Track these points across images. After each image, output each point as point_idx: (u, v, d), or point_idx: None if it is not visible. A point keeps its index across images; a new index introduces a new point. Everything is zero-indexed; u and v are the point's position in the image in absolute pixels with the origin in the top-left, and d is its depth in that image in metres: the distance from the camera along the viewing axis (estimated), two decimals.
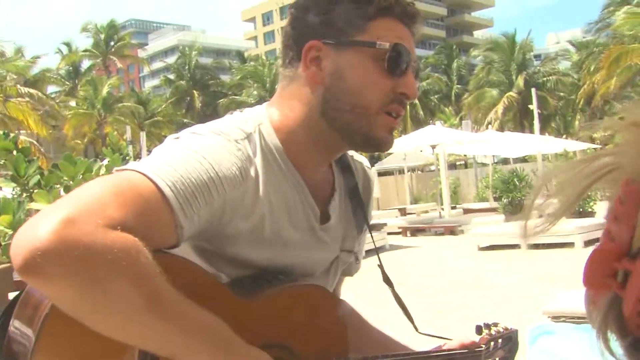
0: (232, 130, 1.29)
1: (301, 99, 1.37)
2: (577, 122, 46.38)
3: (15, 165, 5.85)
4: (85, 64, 58.71)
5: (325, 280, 1.51)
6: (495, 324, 1.73)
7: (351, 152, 1.62)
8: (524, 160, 33.73)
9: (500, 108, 45.71)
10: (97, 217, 0.96)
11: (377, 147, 1.37)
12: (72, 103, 48.93)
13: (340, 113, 1.33)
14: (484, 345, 1.64)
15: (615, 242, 0.61)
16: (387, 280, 1.65)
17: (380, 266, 1.64)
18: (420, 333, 1.67)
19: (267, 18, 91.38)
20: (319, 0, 1.36)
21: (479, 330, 1.68)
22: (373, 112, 1.32)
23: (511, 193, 17.82)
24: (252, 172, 1.27)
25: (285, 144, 1.35)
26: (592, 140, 38.83)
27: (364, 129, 1.33)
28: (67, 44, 57.03)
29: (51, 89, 52.48)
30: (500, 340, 1.71)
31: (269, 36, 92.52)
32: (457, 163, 42.73)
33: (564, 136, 41.83)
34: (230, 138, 1.27)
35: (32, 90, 22.89)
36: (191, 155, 1.17)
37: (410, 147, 21.82)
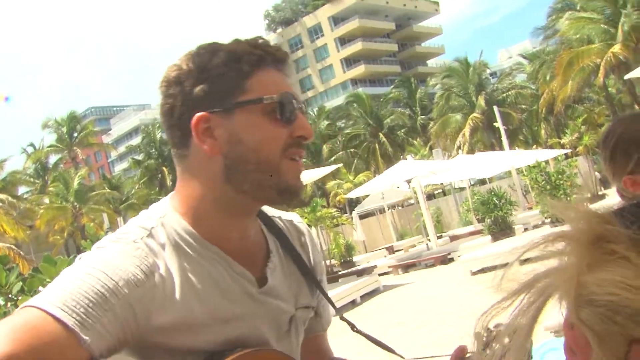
0: (131, 232, 1.30)
1: (202, 174, 1.35)
2: (542, 131, 46.98)
3: None
4: (52, 159, 58.76)
5: (287, 342, 1.48)
6: (498, 325, 1.69)
7: (278, 213, 1.62)
8: (500, 178, 33.98)
9: (466, 131, 46.15)
10: None
11: (291, 195, 1.36)
12: (45, 200, 48.77)
13: (246, 175, 1.31)
14: (484, 349, 1.59)
15: None
16: (353, 327, 1.66)
17: (343, 319, 1.66)
18: (406, 359, 1.65)
19: None
20: (190, 71, 1.32)
21: (478, 336, 1.63)
22: (276, 163, 1.32)
23: (492, 213, 17.87)
24: (161, 265, 1.26)
25: (195, 225, 1.34)
26: (561, 146, 39.43)
27: (274, 182, 1.32)
28: (32, 144, 57.10)
29: (22, 189, 52.39)
30: (505, 339, 1.65)
31: None
32: (435, 192, 42.94)
33: (534, 146, 42.35)
34: (129, 240, 1.27)
35: (2, 196, 22.81)
36: (83, 271, 1.18)
37: (385, 185, 21.88)
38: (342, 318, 1.65)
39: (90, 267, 1.19)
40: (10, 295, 5.59)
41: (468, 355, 1.53)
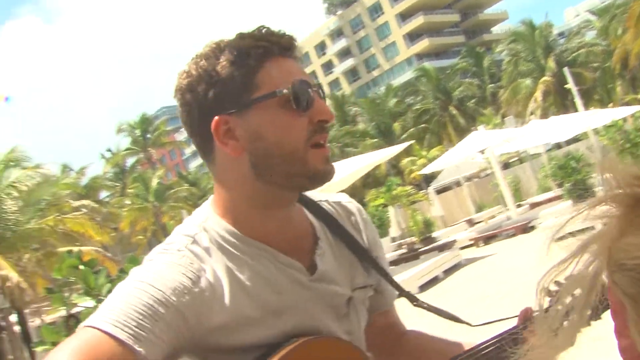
0: (175, 241, 1.36)
1: (231, 175, 1.38)
2: (618, 88, 45.42)
3: (84, 279, 6.06)
4: (129, 161, 60.27)
5: (348, 324, 1.51)
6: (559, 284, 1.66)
7: (325, 196, 1.64)
8: (576, 140, 33.12)
9: (538, 96, 45.12)
10: None
11: (321, 180, 1.37)
12: (127, 202, 50.18)
13: (273, 168, 1.33)
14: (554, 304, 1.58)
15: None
16: (414, 301, 1.67)
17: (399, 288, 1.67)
18: (476, 325, 1.66)
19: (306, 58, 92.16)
20: (200, 76, 1.34)
21: (547, 292, 1.61)
22: (302, 153, 1.33)
23: (571, 177, 17.46)
24: (207, 269, 1.31)
25: (236, 225, 1.38)
26: (638, 102, 38.06)
27: (302, 171, 1.34)
28: (109, 150, 58.74)
29: (103, 194, 53.98)
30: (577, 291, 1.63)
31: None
32: (511, 161, 42.18)
33: (610, 105, 41.01)
34: (173, 250, 1.33)
35: (84, 202, 23.67)
36: (132, 286, 1.25)
37: (459, 158, 21.62)
38: (401, 294, 1.66)
39: (138, 281, 1.26)
40: (100, 297, 5.82)
41: (534, 315, 1.57)
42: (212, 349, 1.31)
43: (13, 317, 20.72)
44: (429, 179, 38.28)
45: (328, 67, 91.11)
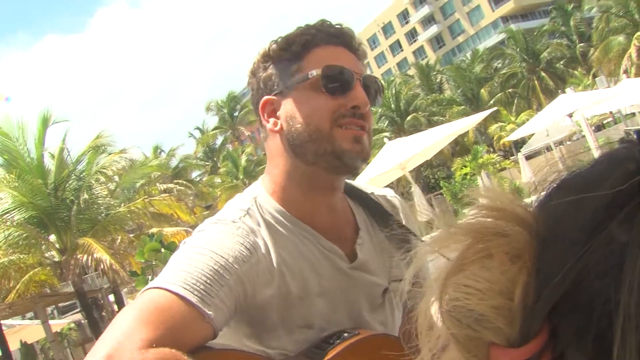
0: (229, 214, 1.43)
1: (277, 152, 1.48)
2: None
3: (164, 261, 6.25)
4: (219, 140, 61.41)
5: (382, 315, 1.55)
6: None
7: (371, 189, 1.69)
8: None
9: (632, 52, 43.22)
10: (131, 346, 1.07)
11: (350, 159, 1.42)
12: (217, 180, 51.25)
13: (305, 147, 1.42)
14: None
15: None
16: None
17: None
18: None
19: (372, 42, 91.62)
20: (260, 60, 1.49)
21: None
22: (327, 132, 1.40)
23: None
24: (260, 242, 1.38)
25: (284, 204, 1.46)
26: None
27: (328, 149, 1.40)
28: (198, 128, 59.96)
29: (195, 173, 55.27)
30: None
31: (380, 58, 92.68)
32: (604, 122, 40.74)
33: None
34: (228, 221, 1.39)
35: (170, 185, 24.30)
36: (194, 252, 1.30)
37: (547, 122, 21.06)
38: None
39: (200, 247, 1.30)
40: None
41: None
42: (257, 323, 1.38)
43: (111, 297, 21.57)
44: (519, 144, 37.45)
45: (412, 35, 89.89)
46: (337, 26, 1.49)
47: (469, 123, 18.08)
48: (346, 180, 1.58)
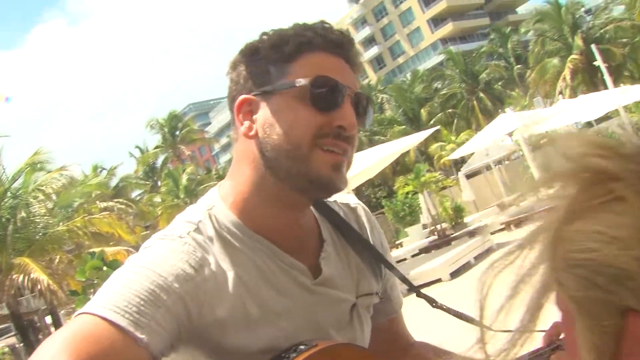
0: (177, 228, 1.30)
1: (246, 158, 1.33)
2: None
3: (106, 279, 6.10)
4: (159, 159, 60.87)
5: (350, 332, 1.43)
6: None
7: (333, 197, 1.53)
8: (607, 118, 32.66)
9: (567, 74, 44.53)
10: None
11: (325, 188, 1.29)
12: (157, 199, 50.64)
13: (279, 161, 1.27)
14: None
15: None
16: (433, 303, 1.55)
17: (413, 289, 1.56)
18: (495, 330, 1.49)
19: None
20: (245, 54, 1.34)
21: None
22: (305, 151, 1.25)
23: None
24: (210, 259, 1.25)
25: (243, 216, 1.32)
26: None
27: (302, 171, 1.26)
28: (138, 147, 59.32)
29: (135, 192, 54.60)
30: None
31: None
32: (542, 142, 41.68)
33: None
34: (174, 236, 1.26)
35: (110, 203, 23.90)
36: (131, 271, 1.18)
37: (487, 141, 21.45)
38: (419, 295, 1.57)
39: (138, 266, 1.19)
40: None
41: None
42: (212, 347, 1.24)
43: (48, 319, 21.03)
44: (459, 163, 38.03)
45: None
46: (337, 32, 1.34)
47: (411, 142, 18.26)
48: None
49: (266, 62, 1.30)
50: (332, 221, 1.49)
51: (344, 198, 1.59)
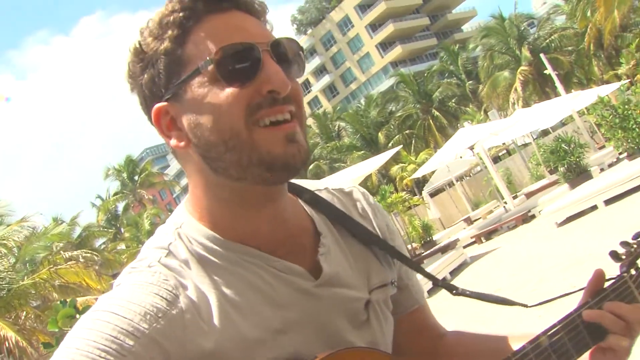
0: (146, 257, 1.10)
1: (192, 169, 1.13)
2: (595, 68, 45.49)
3: None
4: (121, 205, 60.31)
5: (369, 333, 1.22)
6: (637, 235, 1.29)
7: (324, 184, 1.36)
8: (562, 124, 33.17)
9: (518, 86, 45.26)
10: None
11: (285, 166, 1.06)
12: (122, 246, 50.04)
13: (223, 160, 1.06)
14: (626, 270, 1.25)
15: None
16: (454, 290, 1.37)
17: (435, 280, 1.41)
18: (531, 306, 1.33)
19: None
20: (134, 60, 1.10)
21: (615, 256, 1.28)
22: (245, 135, 1.04)
23: (564, 160, 17.32)
24: (188, 283, 1.05)
25: (215, 228, 1.11)
26: (618, 78, 38.22)
27: (254, 158, 1.04)
28: (99, 197, 58.77)
29: (99, 241, 53.94)
30: None
31: None
32: (500, 154, 42.17)
33: (591, 85, 41.12)
34: (143, 267, 1.07)
35: (75, 253, 23.40)
36: (91, 318, 0.99)
37: (449, 157, 21.56)
38: (436, 284, 1.40)
39: (100, 311, 1.00)
40: None
41: (609, 280, 1.25)
42: None
43: None
44: (421, 183, 38.22)
45: (305, 86, 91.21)
46: None
47: (373, 165, 18.27)
48: (290, 181, 1.24)
49: (157, 58, 1.07)
50: (326, 211, 1.28)
51: (336, 183, 1.39)
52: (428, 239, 21.13)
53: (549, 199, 16.74)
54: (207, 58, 1.03)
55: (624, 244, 1.29)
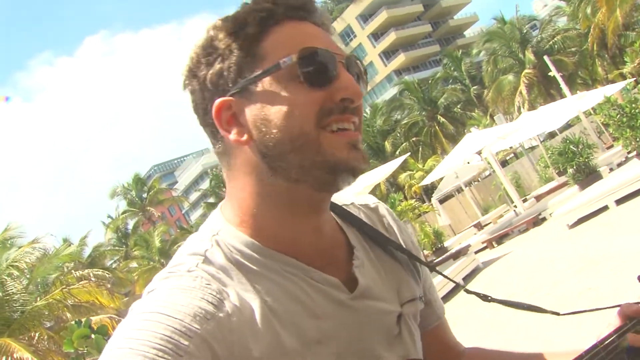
0: (182, 262, 1.08)
1: (244, 170, 1.12)
2: (599, 68, 45.42)
3: (97, 347, 5.91)
4: (130, 223, 60.44)
5: (401, 347, 1.22)
6: None
7: (350, 199, 1.37)
8: (569, 126, 33.09)
9: (522, 89, 45.22)
10: None
11: (347, 171, 1.08)
12: (133, 264, 50.11)
13: (286, 159, 1.07)
14: None
15: None
16: (485, 298, 1.42)
17: (467, 291, 1.44)
18: (563, 314, 1.37)
19: None
20: (201, 54, 1.12)
21: None
22: (314, 137, 1.06)
23: (573, 161, 17.28)
24: (230, 290, 1.04)
25: (256, 235, 1.11)
26: (623, 77, 38.13)
27: (318, 161, 1.06)
28: (109, 216, 58.96)
29: (109, 260, 54.02)
30: None
31: None
32: (508, 158, 42.09)
33: (596, 86, 41.03)
34: (182, 271, 1.06)
35: (86, 271, 23.42)
36: (139, 319, 0.97)
37: (457, 163, 21.53)
38: (467, 291, 1.42)
39: (147, 312, 0.98)
40: None
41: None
42: None
43: None
44: (430, 190, 38.14)
45: None
46: None
47: (382, 174, 18.25)
48: None
49: (230, 53, 1.09)
50: (357, 226, 1.29)
51: (361, 199, 1.40)
52: (439, 245, 21.09)
53: (559, 201, 16.70)
54: (289, 56, 1.06)
55: None
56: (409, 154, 38.76)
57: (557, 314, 1.35)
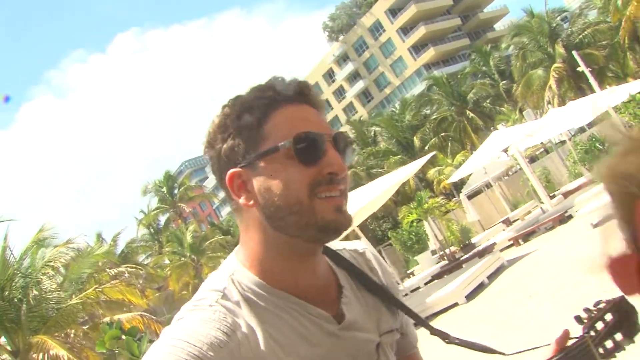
0: (205, 297, 1.35)
1: (253, 225, 1.38)
2: (631, 62, 44.83)
3: (128, 348, 6.16)
4: (162, 219, 60.94)
5: None
6: (598, 303, 1.56)
7: (341, 244, 1.64)
8: (600, 120, 32.74)
9: (552, 84, 44.70)
10: None
11: (333, 230, 1.35)
12: (166, 260, 50.61)
13: (285, 220, 1.32)
14: (587, 332, 1.50)
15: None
16: (438, 334, 1.65)
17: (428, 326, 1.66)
18: (509, 354, 1.64)
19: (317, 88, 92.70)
20: (215, 132, 1.39)
21: (578, 320, 1.54)
22: (307, 204, 1.31)
23: (599, 158, 17.23)
24: (241, 322, 1.30)
25: (264, 276, 1.37)
26: None
27: (311, 222, 1.32)
28: (142, 211, 59.48)
29: (142, 256, 54.58)
30: (608, 316, 1.52)
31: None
32: (538, 153, 41.81)
33: (628, 80, 40.53)
34: (204, 305, 1.32)
35: (120, 269, 23.79)
36: (167, 344, 1.24)
37: (484, 160, 21.51)
38: (432, 332, 1.65)
39: (173, 339, 1.24)
40: None
41: (571, 339, 1.51)
42: None
43: None
44: (459, 186, 38.01)
45: (340, 93, 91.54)
46: (293, 81, 1.40)
47: (409, 171, 18.31)
48: None
49: (238, 133, 1.35)
50: (345, 268, 1.56)
51: (351, 245, 1.68)
52: (467, 242, 21.14)
53: (585, 198, 16.69)
54: (285, 140, 1.31)
55: (586, 310, 1.57)
56: (435, 152, 38.68)
57: (503, 354, 1.62)
